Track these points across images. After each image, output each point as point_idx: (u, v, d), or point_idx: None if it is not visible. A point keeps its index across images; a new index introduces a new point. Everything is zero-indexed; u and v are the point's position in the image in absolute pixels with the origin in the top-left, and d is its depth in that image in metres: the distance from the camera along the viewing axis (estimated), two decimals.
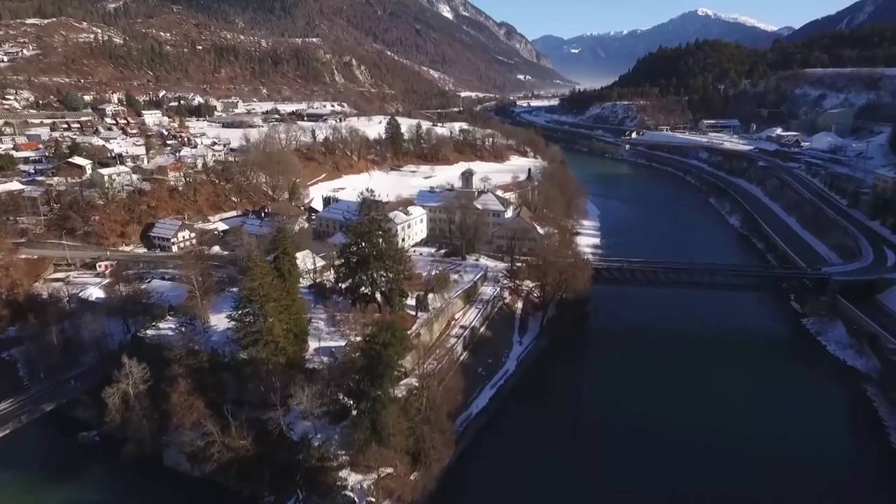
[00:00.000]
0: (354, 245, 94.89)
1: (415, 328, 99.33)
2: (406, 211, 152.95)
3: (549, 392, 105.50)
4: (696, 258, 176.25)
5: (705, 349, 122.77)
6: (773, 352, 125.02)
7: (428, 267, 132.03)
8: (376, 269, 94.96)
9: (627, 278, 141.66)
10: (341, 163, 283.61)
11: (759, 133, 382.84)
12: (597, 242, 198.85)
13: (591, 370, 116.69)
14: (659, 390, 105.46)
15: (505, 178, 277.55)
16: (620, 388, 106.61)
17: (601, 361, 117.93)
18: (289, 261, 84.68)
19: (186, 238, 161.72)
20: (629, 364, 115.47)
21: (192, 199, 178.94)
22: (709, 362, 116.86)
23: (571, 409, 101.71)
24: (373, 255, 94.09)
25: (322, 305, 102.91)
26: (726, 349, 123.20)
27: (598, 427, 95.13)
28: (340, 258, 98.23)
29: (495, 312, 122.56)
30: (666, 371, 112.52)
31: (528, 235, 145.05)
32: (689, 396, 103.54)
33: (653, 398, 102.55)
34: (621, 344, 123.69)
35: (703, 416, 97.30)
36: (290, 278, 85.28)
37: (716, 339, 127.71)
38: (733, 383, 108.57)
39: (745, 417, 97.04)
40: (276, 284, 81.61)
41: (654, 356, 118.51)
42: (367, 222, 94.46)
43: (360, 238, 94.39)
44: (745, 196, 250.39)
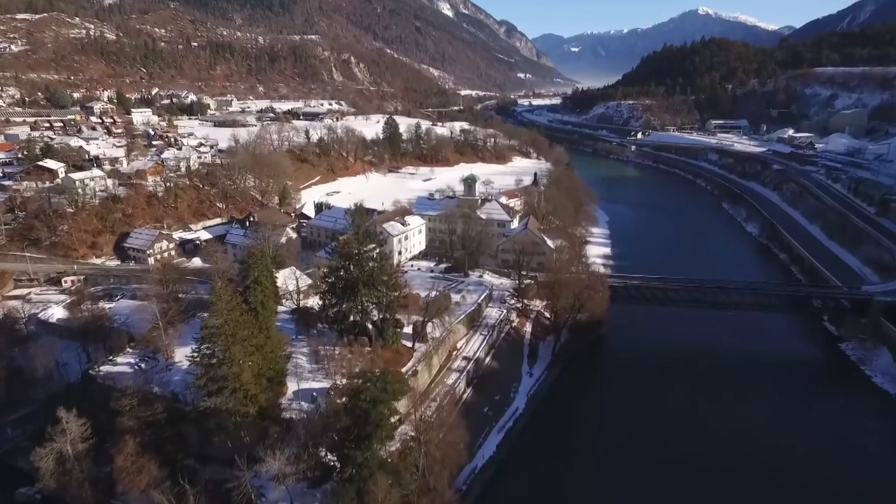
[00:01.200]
0: (341, 269, 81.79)
1: (411, 365, 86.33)
2: (403, 221, 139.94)
3: (563, 433, 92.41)
4: (716, 270, 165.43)
5: (733, 376, 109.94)
6: (809, 380, 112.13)
7: (426, 285, 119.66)
8: (366, 296, 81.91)
9: (646, 297, 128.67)
10: (336, 164, 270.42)
11: (770, 134, 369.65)
12: (607, 252, 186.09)
13: (608, 404, 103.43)
14: (686, 425, 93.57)
15: (508, 181, 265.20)
16: (643, 424, 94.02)
17: (620, 393, 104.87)
18: (262, 291, 71.74)
19: (164, 249, 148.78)
20: (650, 393, 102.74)
21: (173, 206, 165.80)
22: (738, 391, 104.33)
23: (589, 455, 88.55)
24: (362, 280, 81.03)
25: (305, 336, 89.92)
26: (756, 376, 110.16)
27: (621, 475, 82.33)
28: (325, 282, 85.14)
29: (502, 338, 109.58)
30: (692, 402, 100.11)
31: (538, 249, 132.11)
32: (722, 434, 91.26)
33: (679, 435, 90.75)
34: (640, 371, 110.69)
35: (741, 458, 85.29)
36: (265, 311, 72.33)
37: (743, 364, 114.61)
38: (768, 416, 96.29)
39: (787, 455, 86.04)
40: (246, 321, 68.63)
41: (677, 383, 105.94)
42: (355, 242, 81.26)
43: (346, 261, 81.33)
44: (762, 202, 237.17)
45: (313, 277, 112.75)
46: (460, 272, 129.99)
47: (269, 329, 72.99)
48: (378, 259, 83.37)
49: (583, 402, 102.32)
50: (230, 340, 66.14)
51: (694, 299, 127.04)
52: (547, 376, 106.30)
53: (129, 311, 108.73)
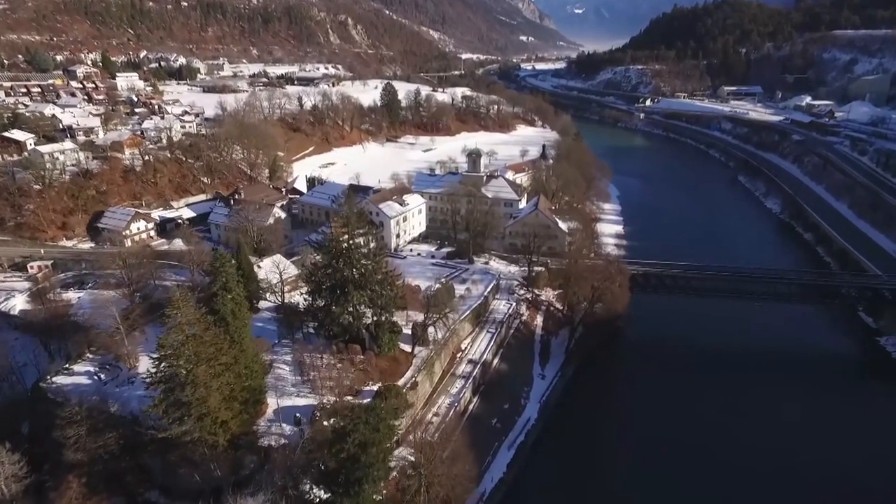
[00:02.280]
0: (328, 266, 70.24)
1: (410, 374, 75.63)
2: (401, 201, 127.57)
3: (580, 447, 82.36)
4: (735, 252, 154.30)
5: (762, 373, 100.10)
6: (845, 377, 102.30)
7: (427, 274, 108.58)
8: (358, 298, 70.54)
9: (667, 285, 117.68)
10: (332, 134, 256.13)
11: (786, 101, 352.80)
12: (619, 230, 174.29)
13: (629, 409, 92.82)
14: (715, 433, 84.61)
15: (513, 151, 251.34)
16: (669, 432, 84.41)
17: (641, 395, 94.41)
18: (232, 299, 60.41)
19: (142, 230, 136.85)
20: (674, 396, 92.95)
21: (152, 182, 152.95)
22: (769, 391, 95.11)
23: (611, 472, 78.80)
24: (353, 281, 69.58)
25: (289, 340, 78.99)
26: (787, 373, 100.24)
27: (646, 496, 72.86)
28: (310, 280, 73.71)
29: (511, 336, 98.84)
30: (720, 405, 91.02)
31: (549, 233, 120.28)
32: (756, 444, 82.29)
33: (709, 446, 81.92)
34: (662, 368, 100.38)
35: (779, 472, 76.93)
36: (236, 322, 61.15)
37: (772, 359, 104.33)
38: (802, 421, 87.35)
39: (827, 466, 78.35)
40: (213, 336, 57.42)
41: (702, 383, 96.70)
42: (343, 235, 69.46)
43: (334, 258, 69.68)
44: (781, 175, 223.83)
45: (301, 266, 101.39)
46: (464, 258, 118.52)
47: (243, 341, 61.97)
48: (372, 255, 71.68)
49: (600, 407, 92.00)
50: (193, 360, 55.09)
51: (718, 289, 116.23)
52: (560, 378, 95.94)
53: (96, 304, 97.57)
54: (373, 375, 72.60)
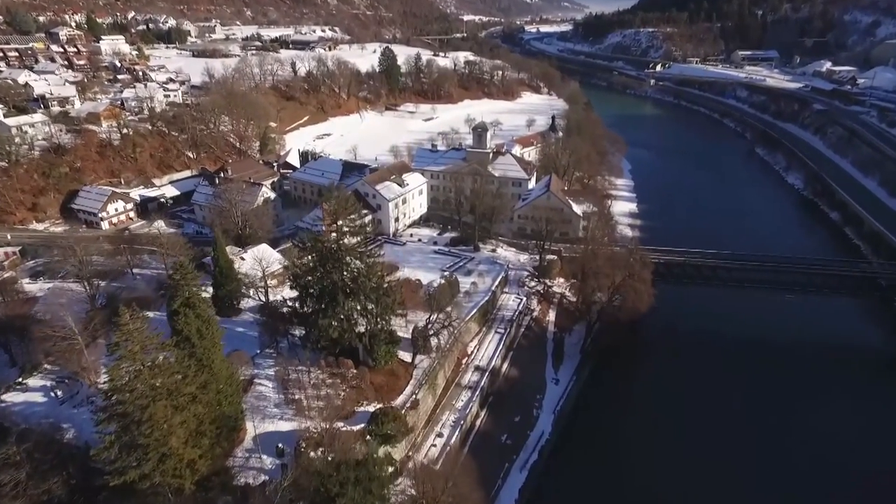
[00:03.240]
0: (314, 271, 60.32)
1: (409, 391, 66.55)
2: (400, 180, 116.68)
3: (599, 463, 74.03)
4: (755, 233, 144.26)
5: (796, 372, 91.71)
6: (887, 377, 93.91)
7: (428, 264, 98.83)
8: (350, 308, 60.82)
9: (689, 275, 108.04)
10: (327, 102, 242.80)
11: (804, 67, 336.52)
12: (633, 209, 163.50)
13: (651, 413, 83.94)
14: (750, 444, 77.11)
15: (518, 121, 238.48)
16: (693, 435, 77.52)
17: (664, 396, 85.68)
18: (197, 317, 50.69)
19: (120, 210, 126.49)
20: (701, 399, 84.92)
21: (131, 157, 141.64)
22: (804, 392, 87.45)
23: (633, 495, 70.63)
24: (343, 288, 59.72)
25: (273, 350, 69.66)
26: (823, 371, 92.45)
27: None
28: (295, 284, 63.85)
29: (521, 335, 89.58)
30: (753, 411, 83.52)
31: (562, 217, 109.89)
32: (795, 449, 76.10)
33: (745, 460, 74.28)
34: (687, 367, 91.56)
35: (821, 475, 70.82)
36: (204, 342, 51.61)
37: (806, 357, 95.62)
38: (843, 426, 79.22)
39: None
40: (174, 364, 47.92)
41: (731, 384, 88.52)
42: (332, 236, 59.29)
43: (321, 263, 59.69)
44: (803, 148, 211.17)
45: (289, 256, 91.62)
46: (469, 245, 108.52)
47: (213, 364, 52.55)
48: (365, 257, 61.60)
49: (620, 416, 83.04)
50: (149, 395, 45.78)
51: (746, 279, 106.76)
52: (576, 382, 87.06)
53: (65, 300, 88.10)
54: (367, 394, 63.59)
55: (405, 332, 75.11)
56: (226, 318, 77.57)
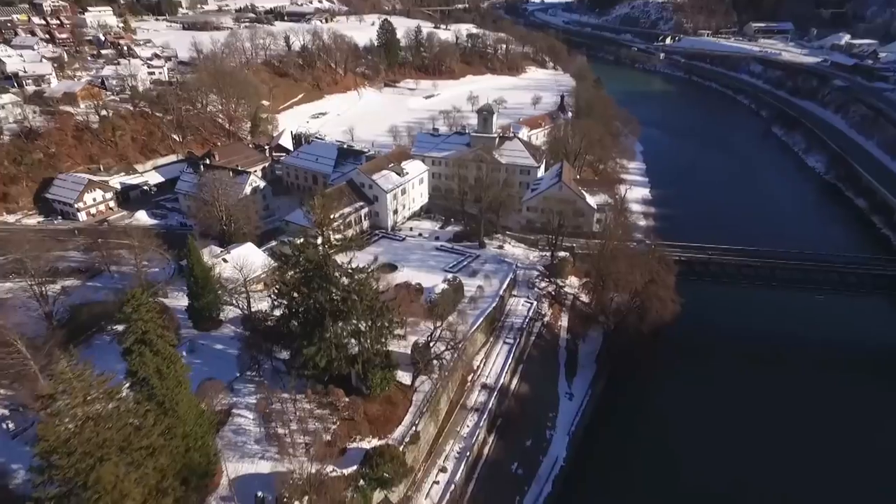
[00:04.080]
0: (299, 290, 51.96)
1: (409, 421, 58.76)
2: (399, 169, 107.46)
3: (622, 492, 66.89)
4: (778, 222, 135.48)
5: (835, 381, 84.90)
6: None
7: (430, 263, 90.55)
8: (339, 333, 52.60)
9: (714, 274, 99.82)
10: (323, 79, 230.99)
11: (822, 40, 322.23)
12: (646, 195, 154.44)
13: (674, 425, 76.61)
14: (789, 453, 71.47)
15: (523, 98, 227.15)
16: (722, 455, 71.06)
17: (691, 412, 78.29)
18: (156, 354, 42.33)
19: (99, 200, 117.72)
20: (729, 408, 78.73)
21: (111, 141, 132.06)
22: (845, 404, 79.91)
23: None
24: (331, 312, 51.46)
25: (255, 374, 61.71)
26: (863, 380, 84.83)
27: None
28: (277, 302, 55.55)
29: (532, 344, 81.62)
30: (788, 426, 76.64)
31: (575, 209, 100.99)
32: (833, 471, 69.24)
33: (782, 470, 68.84)
34: (714, 375, 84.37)
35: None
36: (166, 382, 43.62)
37: (843, 363, 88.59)
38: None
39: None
40: (127, 413, 39.92)
41: (763, 393, 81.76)
42: (317, 253, 50.73)
43: (305, 284, 51.29)
44: (823, 128, 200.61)
45: (277, 257, 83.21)
46: (474, 241, 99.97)
47: (178, 405, 44.66)
48: (356, 273, 53.03)
49: (641, 432, 75.55)
50: (95, 455, 37.90)
51: (774, 278, 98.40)
52: (591, 396, 79.53)
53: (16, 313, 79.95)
54: (361, 427, 55.88)
55: (405, 346, 67.26)
56: (204, 333, 69.79)
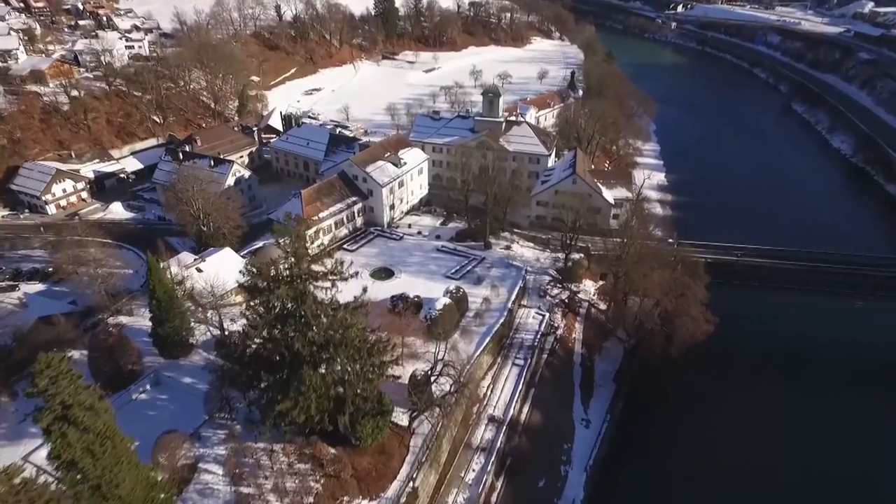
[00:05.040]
0: (269, 332, 42.85)
1: (406, 473, 50.34)
2: (396, 160, 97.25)
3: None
4: (804, 215, 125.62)
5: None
6: None
7: (429, 268, 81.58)
8: (320, 382, 43.62)
9: (743, 276, 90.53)
10: (317, 51, 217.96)
11: (843, 8, 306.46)
12: (661, 179, 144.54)
13: (705, 453, 68.46)
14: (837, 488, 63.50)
15: (528, 72, 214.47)
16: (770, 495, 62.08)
17: (723, 432, 70.33)
18: (85, 430, 33.57)
19: (69, 191, 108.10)
20: (768, 433, 70.69)
21: (84, 124, 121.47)
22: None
23: None
24: (308, 359, 42.44)
25: (226, 417, 53.02)
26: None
27: None
28: (245, 338, 46.48)
29: (544, 363, 72.96)
30: (839, 442, 69.02)
31: (591, 204, 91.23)
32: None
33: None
34: (747, 390, 76.41)
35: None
36: (102, 462, 35.03)
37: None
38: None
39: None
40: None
41: (807, 414, 73.33)
42: (288, 289, 41.42)
43: (275, 324, 42.20)
44: (848, 104, 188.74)
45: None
46: (479, 240, 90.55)
47: (120, 485, 36.13)
48: (339, 309, 43.72)
49: (668, 462, 67.53)
50: None
51: (809, 281, 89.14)
52: (610, 421, 71.34)
53: None
54: (349, 486, 47.49)
55: (401, 370, 58.66)
56: (172, 361, 61.08)
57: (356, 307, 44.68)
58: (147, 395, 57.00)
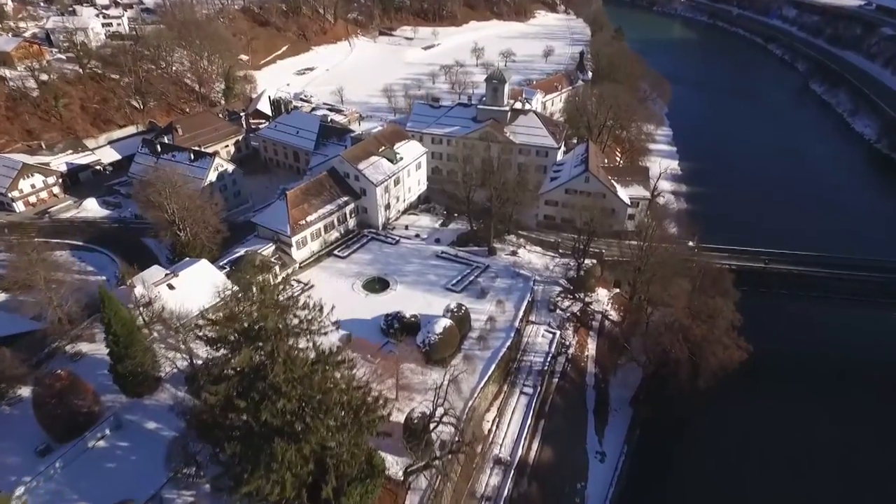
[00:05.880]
0: (231, 402, 35.44)
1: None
2: (392, 155, 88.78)
3: None
4: (827, 207, 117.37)
5: None
6: None
7: (428, 276, 74.20)
8: (295, 456, 36.30)
9: (770, 285, 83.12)
10: (310, 27, 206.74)
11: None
12: (675, 167, 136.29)
13: (740, 493, 62.07)
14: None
15: (533, 49, 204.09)
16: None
17: (757, 467, 63.82)
18: None
19: (39, 187, 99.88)
20: (807, 463, 63.30)
21: (56, 112, 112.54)
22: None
23: None
24: (282, 431, 35.12)
25: (191, 475, 45.96)
26: None
27: None
28: (205, 406, 39.06)
29: (555, 389, 65.95)
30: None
31: (605, 205, 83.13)
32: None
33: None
34: (779, 412, 69.21)
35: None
36: None
37: None
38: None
39: None
40: None
41: (854, 440, 66.07)
42: (254, 348, 33.93)
43: (244, 389, 34.80)
44: (871, 85, 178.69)
45: (241, 277, 66.60)
46: (482, 245, 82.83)
47: None
48: (316, 377, 36.01)
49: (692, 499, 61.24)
50: None
51: (844, 290, 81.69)
52: (627, 453, 64.58)
53: None
54: None
55: (396, 408, 51.90)
56: (136, 400, 53.98)
57: (339, 362, 37.26)
58: (106, 441, 50.07)
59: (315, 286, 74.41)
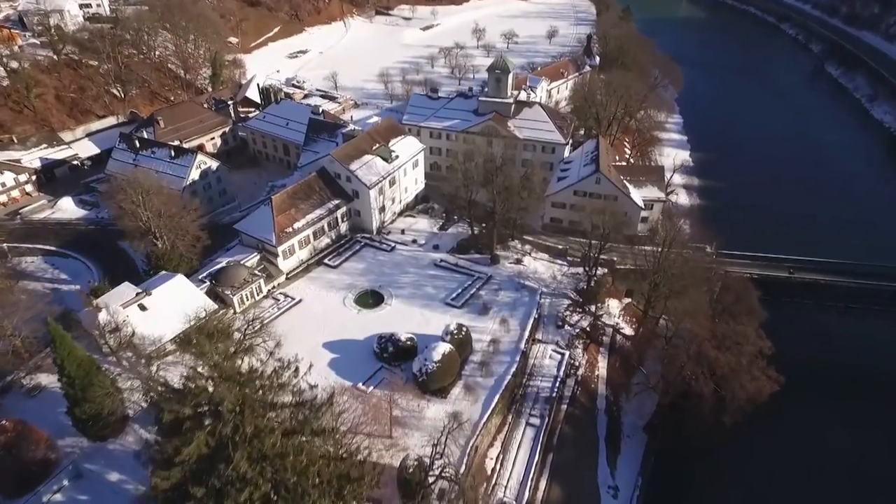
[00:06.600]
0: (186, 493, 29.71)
1: None
2: (387, 153, 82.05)
3: None
4: (847, 202, 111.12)
5: None
6: None
7: (426, 287, 68.62)
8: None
9: (795, 294, 77.33)
10: (303, 7, 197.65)
11: None
12: (686, 158, 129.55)
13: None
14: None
15: (536, 29, 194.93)
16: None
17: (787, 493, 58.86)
18: None
19: (10, 185, 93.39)
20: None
21: (28, 102, 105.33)
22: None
23: None
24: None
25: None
26: None
27: None
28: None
29: (563, 418, 60.51)
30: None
31: (616, 208, 76.59)
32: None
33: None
34: (818, 432, 64.31)
35: None
36: None
37: None
38: None
39: None
40: None
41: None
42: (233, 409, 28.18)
43: (196, 474, 29.12)
44: (890, 68, 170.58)
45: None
46: (484, 252, 76.75)
47: None
48: (289, 459, 30.27)
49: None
50: None
51: (877, 301, 76.02)
52: (642, 486, 59.55)
53: None
54: None
55: (389, 454, 46.67)
56: (99, 444, 48.46)
57: (320, 431, 31.51)
58: (63, 494, 44.69)
59: (303, 300, 68.79)
